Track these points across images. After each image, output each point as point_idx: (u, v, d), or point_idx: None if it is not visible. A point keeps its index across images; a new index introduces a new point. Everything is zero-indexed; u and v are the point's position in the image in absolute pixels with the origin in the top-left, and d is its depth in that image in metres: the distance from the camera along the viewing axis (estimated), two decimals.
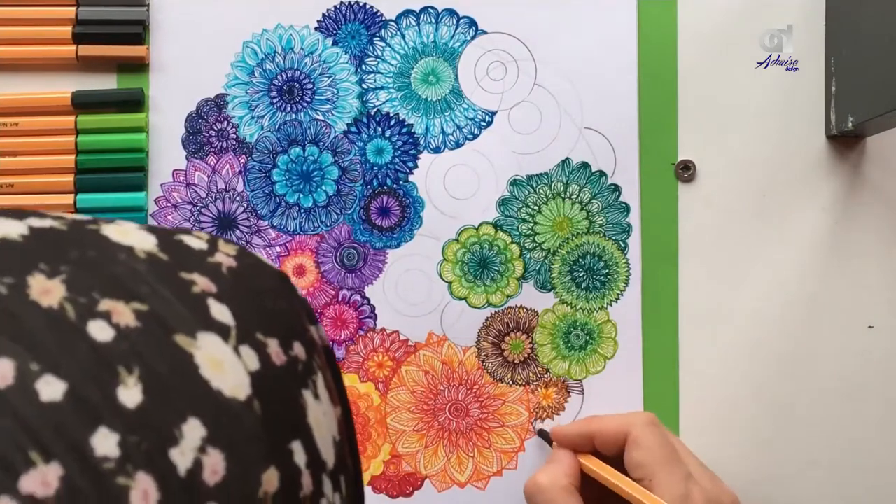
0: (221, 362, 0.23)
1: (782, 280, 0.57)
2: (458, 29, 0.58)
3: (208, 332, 0.23)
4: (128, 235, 0.25)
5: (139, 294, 0.23)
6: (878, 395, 0.57)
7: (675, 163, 0.57)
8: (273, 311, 0.26)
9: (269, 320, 0.25)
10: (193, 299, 0.24)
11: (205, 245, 0.26)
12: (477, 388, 0.57)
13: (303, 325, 0.27)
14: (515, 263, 0.57)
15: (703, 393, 0.57)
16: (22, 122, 0.56)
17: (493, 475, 0.57)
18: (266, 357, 0.24)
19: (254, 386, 0.23)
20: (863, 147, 0.58)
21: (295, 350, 0.26)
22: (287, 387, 0.25)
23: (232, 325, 0.24)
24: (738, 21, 0.58)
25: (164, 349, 0.22)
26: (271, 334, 0.25)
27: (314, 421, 0.25)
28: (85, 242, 0.24)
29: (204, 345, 0.23)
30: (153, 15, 0.57)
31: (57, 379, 0.20)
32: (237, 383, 0.23)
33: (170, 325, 0.23)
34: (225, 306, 0.24)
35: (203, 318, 0.24)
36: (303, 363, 0.26)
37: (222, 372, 0.23)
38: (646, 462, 0.50)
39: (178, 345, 0.23)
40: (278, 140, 0.58)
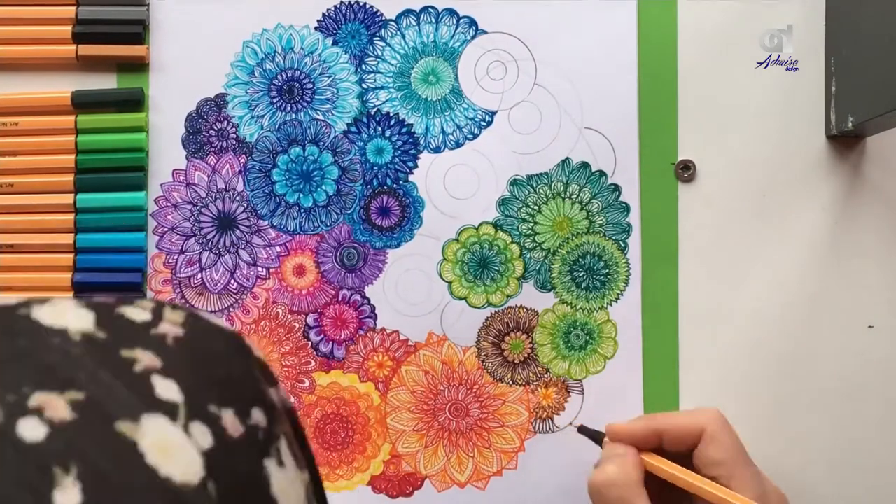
0: (169, 446, 0.22)
1: (782, 280, 0.57)
2: (458, 29, 0.58)
3: (153, 414, 0.22)
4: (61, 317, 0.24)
5: (75, 381, 0.22)
6: (878, 395, 0.57)
7: (675, 163, 0.57)
8: (226, 378, 0.25)
9: (223, 389, 0.24)
10: (136, 379, 0.23)
11: (148, 316, 0.25)
12: (477, 388, 0.57)
13: (260, 389, 0.25)
14: (515, 263, 0.57)
15: (703, 393, 0.57)
16: (22, 122, 0.56)
17: (493, 475, 0.57)
18: (221, 431, 0.23)
19: (208, 466, 0.22)
20: (863, 147, 0.58)
21: (254, 418, 0.24)
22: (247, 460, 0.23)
23: (180, 402, 0.23)
24: (738, 21, 0.58)
25: (105, 440, 0.21)
26: (226, 404, 0.24)
27: (279, 491, 0.24)
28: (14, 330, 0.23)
29: (149, 429, 0.22)
30: (153, 15, 0.57)
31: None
32: (188, 466, 0.21)
33: (110, 413, 0.21)
34: (171, 381, 0.23)
35: (147, 398, 0.22)
36: (263, 430, 0.24)
37: (171, 456, 0.21)
38: (724, 460, 0.49)
39: (119, 433, 0.21)
40: (278, 140, 0.58)
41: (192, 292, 0.57)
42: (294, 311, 0.57)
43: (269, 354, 0.57)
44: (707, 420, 0.51)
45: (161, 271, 0.57)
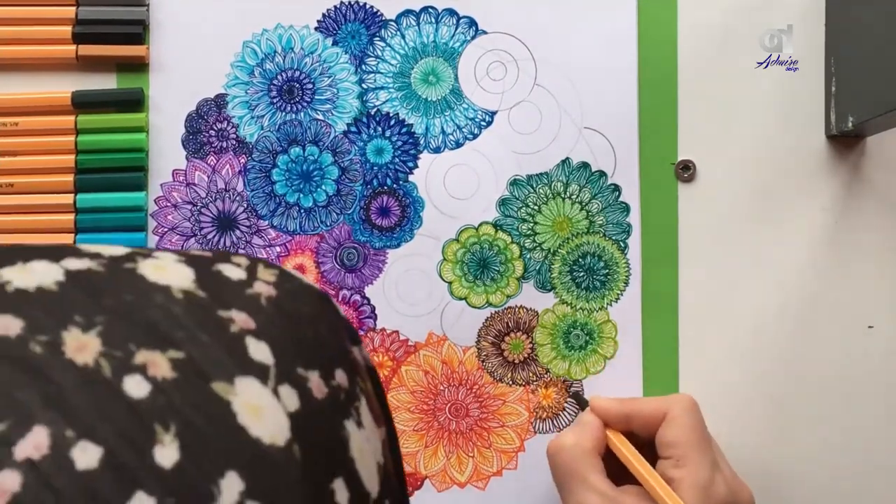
0: (260, 408, 0.22)
1: (782, 280, 0.57)
2: (458, 29, 0.58)
3: (246, 377, 0.23)
4: (165, 272, 0.25)
5: (176, 341, 0.23)
6: (878, 395, 0.57)
7: (675, 163, 0.57)
8: (314, 340, 0.25)
9: (310, 351, 0.25)
10: (231, 340, 0.23)
11: (243, 274, 0.26)
12: (477, 388, 0.57)
13: (345, 349, 0.26)
14: (515, 263, 0.57)
15: (703, 393, 0.57)
16: (22, 122, 0.56)
17: (493, 475, 0.57)
18: (307, 393, 0.24)
19: (294, 428, 0.23)
20: (863, 147, 0.58)
21: (337, 378, 0.25)
22: (328, 422, 0.24)
23: (271, 364, 0.23)
24: (738, 21, 0.58)
25: (201, 400, 0.22)
26: (312, 366, 0.24)
27: (357, 451, 0.24)
28: (122, 285, 0.24)
29: (242, 391, 0.22)
30: (153, 15, 0.57)
31: (92, 444, 0.20)
32: (276, 429, 0.22)
33: (207, 373, 0.22)
34: (264, 343, 0.24)
35: (241, 360, 0.23)
36: (345, 391, 0.25)
37: (261, 418, 0.22)
38: (678, 441, 0.50)
39: (215, 393, 0.22)
40: (278, 140, 0.57)
41: None
42: None
43: None
44: (672, 403, 0.52)
45: None
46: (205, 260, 0.26)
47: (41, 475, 0.19)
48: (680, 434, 0.50)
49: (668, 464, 0.50)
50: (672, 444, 0.50)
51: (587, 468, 0.50)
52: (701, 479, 0.49)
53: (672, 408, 0.51)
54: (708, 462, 0.49)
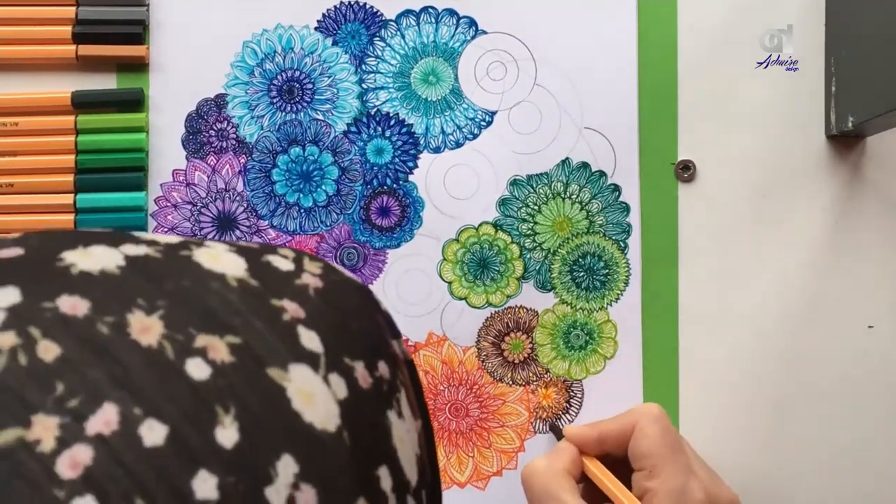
0: (312, 394, 0.23)
1: (782, 280, 0.57)
2: (458, 29, 0.58)
3: (299, 364, 0.23)
4: (218, 261, 0.25)
5: (233, 326, 0.23)
6: (878, 395, 0.57)
7: (675, 163, 0.57)
8: (358, 332, 0.26)
9: (355, 342, 0.25)
10: (284, 328, 0.24)
11: (291, 266, 0.26)
12: (477, 388, 0.57)
13: (386, 342, 0.27)
14: (515, 263, 0.57)
15: (702, 392, 0.57)
16: (22, 122, 0.56)
17: (493, 475, 0.57)
18: (353, 382, 0.24)
19: (343, 415, 0.23)
20: (863, 147, 0.58)
21: (380, 370, 0.26)
22: (373, 411, 0.25)
23: (321, 353, 0.24)
24: (738, 21, 0.58)
25: (258, 384, 0.22)
26: (357, 357, 0.25)
27: (398, 441, 0.25)
28: (180, 271, 0.24)
29: (295, 377, 0.23)
30: (153, 15, 0.57)
31: (159, 423, 0.21)
32: (327, 415, 0.23)
33: (262, 359, 0.23)
34: (314, 332, 0.24)
35: (294, 348, 0.24)
36: (387, 382, 0.26)
37: (313, 404, 0.23)
38: (648, 452, 0.50)
39: (270, 379, 0.23)
40: (278, 140, 0.58)
41: None
42: None
43: None
44: (639, 415, 0.52)
45: None
46: (254, 251, 0.27)
47: (111, 450, 0.20)
48: (649, 444, 0.50)
49: (642, 476, 0.50)
50: (642, 455, 0.50)
51: (560, 489, 0.50)
52: (675, 486, 0.49)
53: (639, 420, 0.51)
54: (680, 468, 0.50)
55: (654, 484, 0.49)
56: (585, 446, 0.53)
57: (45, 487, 0.19)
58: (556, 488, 0.50)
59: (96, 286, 0.23)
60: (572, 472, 0.52)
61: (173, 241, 0.26)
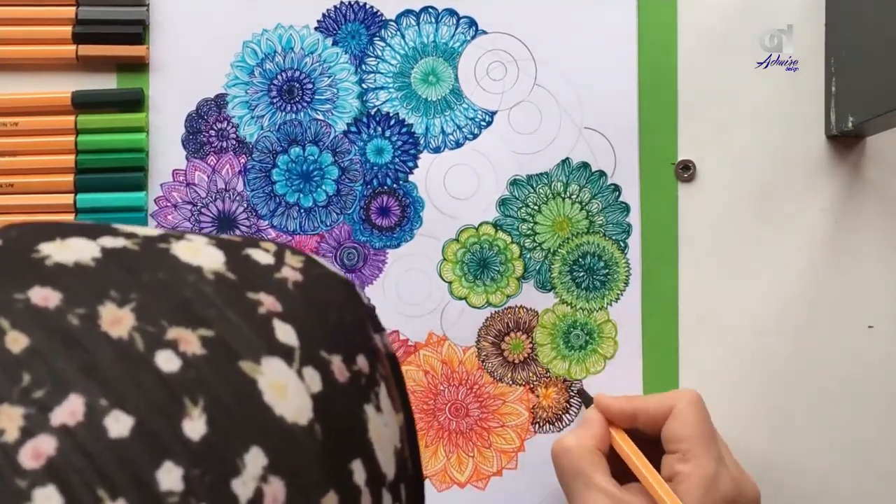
0: (284, 387, 0.23)
1: (782, 280, 0.57)
2: (458, 29, 0.58)
3: (273, 357, 0.24)
4: (197, 254, 0.25)
5: (206, 319, 0.23)
6: (878, 395, 0.57)
7: (675, 163, 0.57)
8: (338, 325, 0.26)
9: (334, 336, 0.26)
10: (259, 321, 0.24)
11: (271, 259, 0.27)
12: (477, 388, 0.57)
13: (367, 335, 0.27)
14: (515, 263, 0.57)
15: (703, 393, 0.57)
16: (22, 122, 0.56)
17: (493, 475, 0.57)
18: (329, 375, 0.24)
19: (316, 409, 0.23)
20: (863, 147, 0.58)
21: (358, 364, 0.26)
22: (349, 404, 0.25)
23: (296, 347, 0.24)
24: (738, 21, 0.58)
25: (229, 377, 0.23)
26: (335, 350, 0.25)
27: (375, 435, 0.25)
28: (156, 264, 0.24)
29: (268, 370, 0.23)
30: (153, 15, 0.57)
31: (125, 414, 0.21)
32: (299, 408, 0.23)
33: (235, 351, 0.23)
34: (290, 326, 0.24)
35: (268, 341, 0.24)
36: (366, 376, 0.26)
37: (285, 397, 0.23)
38: (684, 436, 0.50)
39: (242, 371, 0.23)
40: (278, 140, 0.58)
41: None
42: None
43: None
44: (678, 398, 0.52)
45: None
46: (235, 244, 0.27)
47: (76, 441, 0.20)
48: (685, 428, 0.50)
49: (674, 458, 0.50)
50: (677, 438, 0.50)
51: (592, 468, 0.50)
52: (707, 472, 0.49)
53: (677, 403, 0.51)
54: (713, 456, 0.50)
55: (687, 468, 0.49)
56: (616, 418, 0.53)
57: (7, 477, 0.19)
58: (589, 468, 0.50)
59: (69, 278, 0.23)
60: (602, 447, 0.52)
61: (153, 234, 0.26)
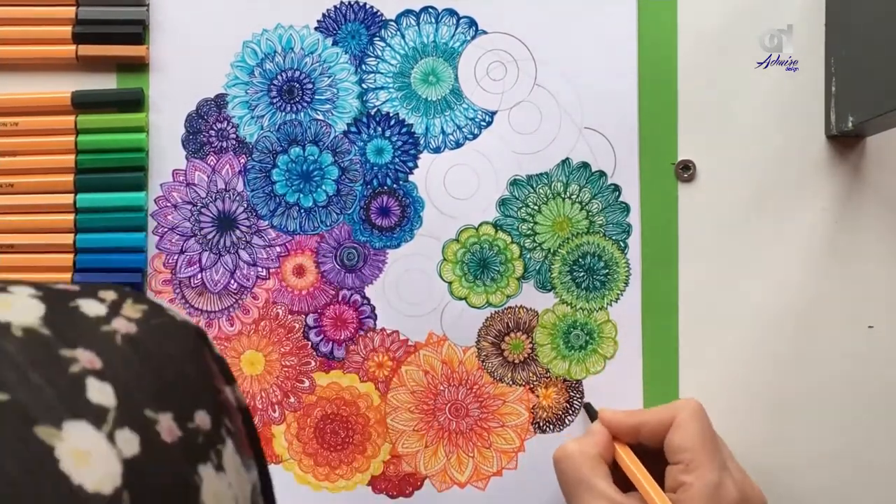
0: (88, 453, 0.21)
1: (782, 280, 0.57)
2: (458, 29, 0.58)
3: (77, 420, 0.22)
4: (9, 309, 0.24)
5: (2, 382, 0.22)
6: (878, 395, 0.57)
7: (675, 163, 0.57)
8: (173, 379, 0.24)
9: (166, 391, 0.24)
10: (69, 382, 0.22)
11: (104, 310, 0.25)
12: (477, 388, 0.57)
13: (214, 388, 0.25)
14: (515, 263, 0.57)
15: (703, 393, 0.57)
16: (22, 122, 0.56)
17: (493, 475, 0.57)
18: (152, 437, 0.23)
19: (126, 475, 0.22)
20: (863, 147, 0.58)
21: (196, 420, 0.24)
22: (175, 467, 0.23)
23: (111, 407, 0.23)
24: (738, 21, 0.58)
25: (20, 445, 0.21)
26: (165, 408, 0.24)
27: (211, 497, 0.24)
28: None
29: (69, 435, 0.21)
30: (153, 15, 0.57)
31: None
32: (104, 475, 0.21)
33: (31, 416, 0.21)
34: (108, 384, 0.23)
35: (75, 403, 0.22)
36: (205, 434, 0.24)
37: (87, 464, 0.21)
38: (686, 446, 0.50)
39: (37, 438, 0.21)
40: (278, 140, 0.58)
41: (193, 292, 0.57)
42: (294, 312, 0.57)
43: (268, 355, 0.57)
44: (679, 409, 0.52)
45: (161, 271, 0.57)
46: (66, 294, 0.25)
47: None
48: (687, 438, 0.50)
49: (678, 469, 0.50)
50: (680, 449, 0.50)
51: (593, 474, 0.50)
52: (711, 481, 0.49)
53: (679, 413, 0.51)
54: (717, 465, 0.49)
55: (690, 478, 0.49)
56: (619, 433, 0.53)
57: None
58: (590, 474, 0.50)
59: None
60: (605, 456, 0.52)
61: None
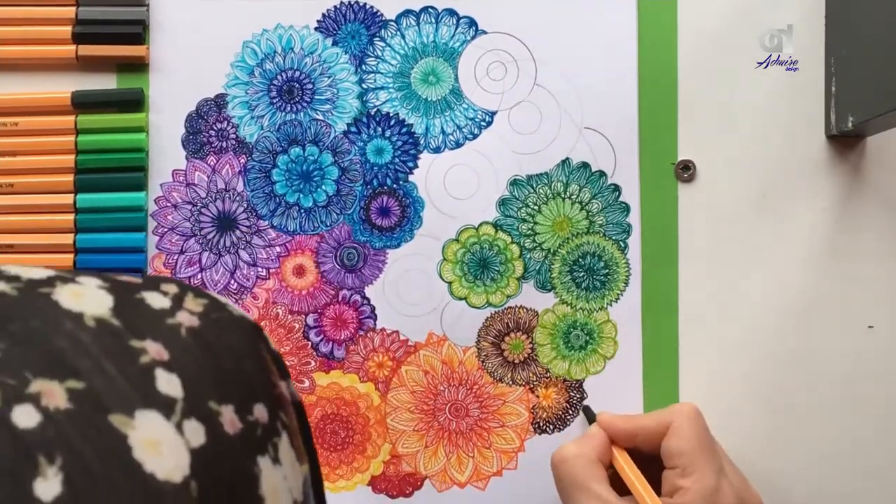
0: (158, 443, 0.22)
1: (782, 280, 0.57)
2: (458, 29, 0.58)
3: (149, 410, 0.22)
4: (81, 299, 0.24)
5: (78, 370, 0.22)
6: (878, 395, 0.57)
7: (675, 163, 0.57)
8: (234, 372, 0.25)
9: (228, 384, 0.24)
10: (139, 372, 0.23)
11: (168, 303, 0.25)
12: (477, 388, 0.57)
13: (270, 383, 0.26)
14: (515, 263, 0.57)
15: (703, 393, 0.57)
16: (22, 122, 0.56)
17: (493, 475, 0.57)
18: (216, 427, 0.23)
19: (194, 465, 0.22)
20: (863, 147, 0.58)
21: (255, 413, 0.25)
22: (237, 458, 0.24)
23: (179, 398, 0.23)
24: (738, 21, 0.58)
25: (95, 432, 0.21)
26: (227, 400, 0.24)
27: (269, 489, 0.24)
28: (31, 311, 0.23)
29: (141, 424, 0.22)
30: (153, 15, 0.57)
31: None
32: (174, 465, 0.22)
33: (106, 405, 0.22)
34: (175, 376, 0.23)
35: (146, 393, 0.23)
36: (263, 426, 0.25)
37: (158, 454, 0.22)
38: (683, 450, 0.50)
39: (112, 426, 0.22)
40: (278, 140, 0.58)
41: None
42: (294, 312, 0.57)
43: None
44: (675, 413, 0.52)
45: (161, 271, 0.57)
46: (130, 286, 0.25)
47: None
48: (684, 443, 0.50)
49: (675, 473, 0.50)
50: (677, 453, 0.50)
51: (590, 477, 0.50)
52: (708, 485, 0.49)
53: (675, 418, 0.51)
54: (714, 469, 0.49)
55: (687, 482, 0.49)
56: (617, 437, 0.53)
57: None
58: (587, 476, 0.50)
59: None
60: (602, 460, 0.52)
61: (39, 277, 0.25)
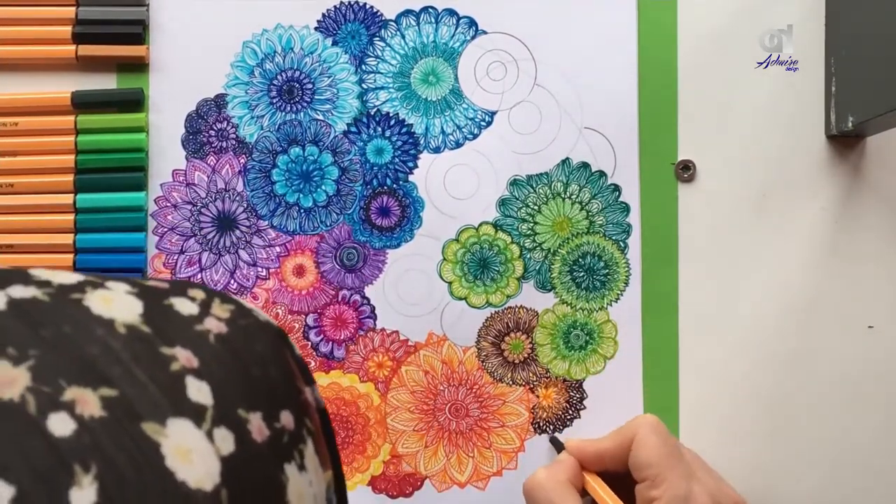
0: (190, 451, 0.22)
1: (782, 280, 0.57)
2: (458, 29, 0.58)
3: (180, 418, 0.22)
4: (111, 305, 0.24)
5: (109, 378, 0.22)
6: (878, 395, 0.57)
7: (675, 163, 0.57)
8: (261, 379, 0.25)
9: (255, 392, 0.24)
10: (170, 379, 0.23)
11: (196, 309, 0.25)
12: (477, 388, 0.57)
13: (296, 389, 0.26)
14: (515, 263, 0.57)
15: (703, 393, 0.57)
16: (22, 122, 0.56)
17: (493, 475, 0.57)
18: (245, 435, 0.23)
19: (224, 473, 0.22)
20: (863, 147, 0.58)
21: (282, 420, 0.25)
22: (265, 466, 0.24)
23: (209, 406, 0.23)
24: (738, 21, 0.58)
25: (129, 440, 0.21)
26: (255, 407, 0.24)
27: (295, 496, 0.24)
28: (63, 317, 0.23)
29: (173, 432, 0.22)
30: (153, 15, 0.57)
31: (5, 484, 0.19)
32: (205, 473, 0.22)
33: (138, 413, 0.22)
34: (205, 383, 0.23)
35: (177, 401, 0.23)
36: (290, 433, 0.25)
37: (190, 461, 0.22)
38: (650, 461, 0.50)
39: (145, 434, 0.22)
40: (278, 140, 0.58)
41: None
42: (294, 312, 0.57)
43: None
44: (636, 427, 0.52)
45: (161, 271, 0.57)
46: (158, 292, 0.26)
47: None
48: (649, 454, 0.50)
49: (645, 486, 0.50)
50: (645, 465, 0.50)
51: (563, 500, 0.51)
52: (679, 493, 0.49)
53: (637, 432, 0.51)
54: (682, 475, 0.50)
55: (658, 492, 0.49)
56: (586, 461, 0.53)
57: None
58: (559, 500, 0.51)
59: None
60: (574, 483, 0.52)
61: (69, 283, 0.25)
